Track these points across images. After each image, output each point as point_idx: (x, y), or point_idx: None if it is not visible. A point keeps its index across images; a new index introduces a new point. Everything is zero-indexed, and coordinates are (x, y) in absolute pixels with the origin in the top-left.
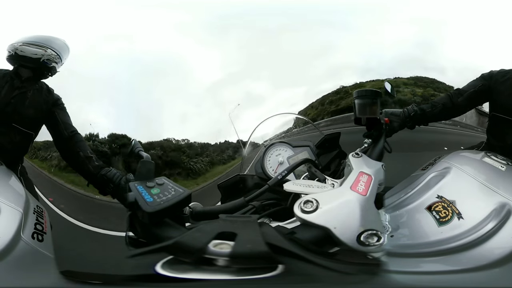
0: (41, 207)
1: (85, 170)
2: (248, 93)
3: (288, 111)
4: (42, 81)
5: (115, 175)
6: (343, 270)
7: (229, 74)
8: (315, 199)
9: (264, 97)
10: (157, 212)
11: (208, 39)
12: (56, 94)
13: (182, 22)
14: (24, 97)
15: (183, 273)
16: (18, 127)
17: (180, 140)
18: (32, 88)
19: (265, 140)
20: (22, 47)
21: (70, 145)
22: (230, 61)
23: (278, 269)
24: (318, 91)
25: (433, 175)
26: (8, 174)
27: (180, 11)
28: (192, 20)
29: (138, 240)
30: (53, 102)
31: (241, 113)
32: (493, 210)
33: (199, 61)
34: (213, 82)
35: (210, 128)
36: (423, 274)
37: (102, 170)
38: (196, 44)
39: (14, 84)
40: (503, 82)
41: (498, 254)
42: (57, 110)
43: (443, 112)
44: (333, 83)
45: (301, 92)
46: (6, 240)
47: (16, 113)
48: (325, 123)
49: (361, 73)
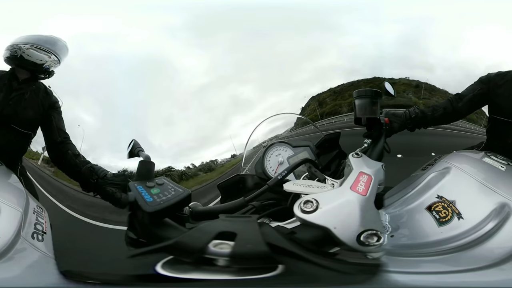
0: (41, 207)
1: (71, 166)
2: (235, 97)
3: (275, 113)
4: (39, 82)
5: (100, 169)
6: (343, 270)
7: (215, 78)
8: (315, 199)
9: (251, 101)
10: (157, 212)
11: (192, 42)
12: (55, 96)
13: (162, 24)
14: (22, 99)
15: (183, 273)
16: (16, 128)
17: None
18: (29, 89)
19: (264, 141)
20: (30, 51)
21: (60, 148)
22: (216, 64)
23: (278, 269)
24: (306, 94)
25: (433, 175)
26: (8, 174)
27: (160, 12)
28: (174, 22)
29: (138, 240)
30: (50, 104)
31: (229, 119)
32: (493, 210)
33: (183, 64)
34: (199, 86)
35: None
36: (423, 274)
37: (88, 164)
38: (180, 47)
39: (12, 86)
40: (502, 85)
41: (498, 254)
42: (53, 114)
43: (444, 116)
44: (320, 85)
45: (287, 96)
46: (6, 240)
47: (15, 115)
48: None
49: (348, 74)
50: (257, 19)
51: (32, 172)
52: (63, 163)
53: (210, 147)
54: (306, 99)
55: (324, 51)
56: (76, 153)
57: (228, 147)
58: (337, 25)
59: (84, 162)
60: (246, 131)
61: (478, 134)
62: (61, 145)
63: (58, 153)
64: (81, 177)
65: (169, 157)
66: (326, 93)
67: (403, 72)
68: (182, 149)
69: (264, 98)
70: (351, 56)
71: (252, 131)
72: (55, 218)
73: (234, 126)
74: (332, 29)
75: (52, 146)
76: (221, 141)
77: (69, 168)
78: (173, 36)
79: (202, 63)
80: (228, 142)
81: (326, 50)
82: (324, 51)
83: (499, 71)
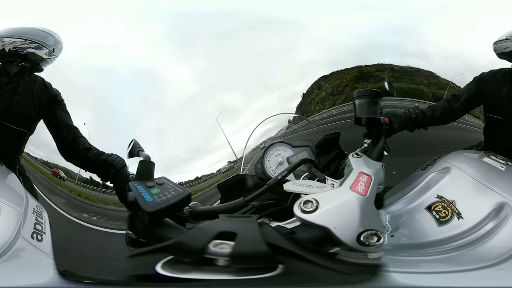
0: (41, 207)
1: (86, 160)
2: (221, 105)
3: (263, 116)
4: (35, 75)
5: (116, 160)
6: (343, 270)
7: (199, 87)
8: (315, 199)
9: (238, 107)
10: (157, 212)
11: (171, 53)
12: (55, 89)
13: (139, 34)
14: (13, 93)
15: (183, 273)
16: (9, 125)
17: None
18: (21, 82)
19: (262, 142)
20: (11, 40)
21: (72, 146)
22: (195, 74)
23: (278, 269)
24: (293, 92)
25: (432, 175)
26: (8, 173)
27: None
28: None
29: (138, 240)
30: (51, 98)
31: (218, 128)
32: (492, 209)
33: (164, 76)
34: (184, 97)
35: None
36: (423, 274)
37: (103, 156)
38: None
39: (1, 82)
40: (492, 83)
41: (497, 254)
42: (57, 110)
43: (443, 116)
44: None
45: (274, 97)
46: (6, 239)
47: (6, 111)
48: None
49: (331, 66)
50: (230, 23)
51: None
52: (77, 160)
53: (202, 158)
54: (296, 97)
55: (303, 47)
56: (87, 147)
57: (221, 156)
58: (313, 18)
59: (97, 154)
60: (237, 138)
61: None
62: (72, 144)
63: (70, 151)
64: (96, 170)
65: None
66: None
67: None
68: (174, 162)
69: (251, 103)
70: (332, 48)
71: (252, 131)
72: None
73: (224, 134)
74: (309, 21)
75: (63, 145)
76: (212, 151)
77: (84, 164)
78: (149, 47)
79: (180, 73)
80: (219, 152)
81: (304, 45)
82: (303, 46)
83: (492, 69)
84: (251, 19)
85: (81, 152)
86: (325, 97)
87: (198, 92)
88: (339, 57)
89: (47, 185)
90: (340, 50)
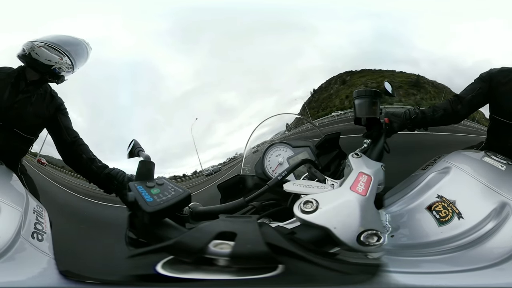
0: (41, 207)
1: (89, 171)
2: (218, 104)
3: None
4: (47, 84)
5: (119, 173)
6: (343, 270)
7: (197, 84)
8: (315, 200)
9: (235, 107)
10: (157, 212)
11: (173, 48)
12: (60, 98)
13: (143, 29)
14: (27, 102)
15: (183, 273)
16: (19, 132)
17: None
18: (36, 92)
19: (259, 144)
20: (40, 49)
21: (72, 150)
22: (197, 71)
23: (278, 269)
24: (291, 97)
25: (433, 175)
26: (8, 173)
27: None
28: (155, 27)
29: (138, 240)
30: (55, 107)
31: (213, 126)
32: (493, 209)
33: (162, 71)
34: (181, 92)
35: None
36: (423, 274)
37: (106, 169)
38: (159, 52)
39: (19, 87)
40: (505, 84)
41: (498, 254)
42: (59, 115)
43: (444, 117)
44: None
45: (272, 100)
46: (6, 239)
47: (19, 119)
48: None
49: (329, 72)
50: (236, 24)
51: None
52: (78, 167)
53: (194, 155)
54: (296, 101)
55: (305, 52)
56: (91, 157)
57: (213, 155)
58: (317, 24)
59: (101, 167)
60: (232, 138)
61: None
62: (73, 146)
63: (70, 155)
64: (100, 183)
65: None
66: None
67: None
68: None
69: (248, 104)
70: (332, 54)
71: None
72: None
73: (219, 134)
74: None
75: (62, 147)
76: (205, 150)
77: (86, 174)
78: (153, 42)
79: (181, 69)
80: (210, 152)
81: (306, 51)
82: (305, 52)
83: (503, 67)
84: (251, 19)
85: (83, 161)
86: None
87: (195, 89)
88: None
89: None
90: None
